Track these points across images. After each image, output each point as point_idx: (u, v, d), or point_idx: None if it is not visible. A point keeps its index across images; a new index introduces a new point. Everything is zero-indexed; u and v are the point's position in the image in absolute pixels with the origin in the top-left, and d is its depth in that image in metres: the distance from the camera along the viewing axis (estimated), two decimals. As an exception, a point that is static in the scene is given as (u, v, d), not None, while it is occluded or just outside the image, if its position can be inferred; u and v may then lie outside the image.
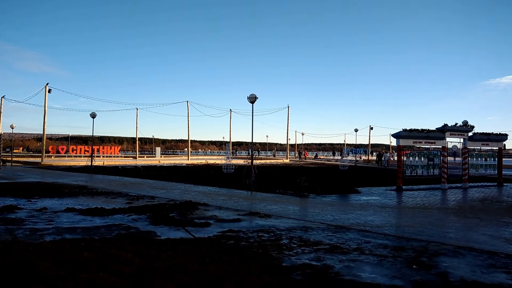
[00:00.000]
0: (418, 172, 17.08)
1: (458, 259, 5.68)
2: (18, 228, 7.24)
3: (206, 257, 5.40)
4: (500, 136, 19.47)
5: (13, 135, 53.17)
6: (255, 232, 7.23)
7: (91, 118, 25.85)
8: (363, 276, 4.77)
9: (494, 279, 4.75)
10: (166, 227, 7.59)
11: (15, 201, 10.74)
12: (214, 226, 7.73)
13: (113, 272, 4.61)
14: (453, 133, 17.78)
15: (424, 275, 4.87)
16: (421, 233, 7.46)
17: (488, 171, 19.40)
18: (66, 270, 4.63)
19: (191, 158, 51.17)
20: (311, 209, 10.60)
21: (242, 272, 4.75)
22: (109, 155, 47.64)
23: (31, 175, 21.06)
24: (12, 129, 36.71)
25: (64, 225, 7.60)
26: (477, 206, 11.81)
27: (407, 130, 16.53)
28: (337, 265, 5.20)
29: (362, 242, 6.60)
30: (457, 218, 9.59)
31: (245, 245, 6.18)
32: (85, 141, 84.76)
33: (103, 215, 8.78)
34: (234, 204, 11.07)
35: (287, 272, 4.82)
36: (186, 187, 15.78)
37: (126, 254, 5.42)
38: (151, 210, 9.40)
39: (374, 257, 5.64)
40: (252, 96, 16.05)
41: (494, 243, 6.71)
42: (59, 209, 9.57)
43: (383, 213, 10.00)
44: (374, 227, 8.00)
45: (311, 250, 5.99)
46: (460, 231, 7.91)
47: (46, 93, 37.17)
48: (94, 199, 11.62)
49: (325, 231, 7.44)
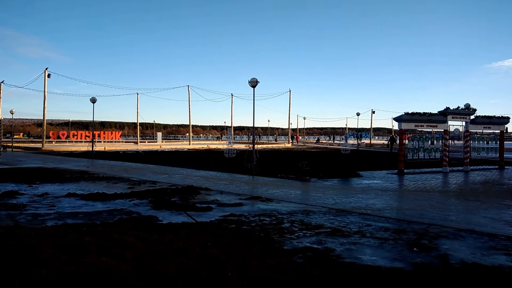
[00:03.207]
0: (419, 155, 17.06)
1: (458, 241, 5.69)
2: (19, 214, 7.27)
3: (208, 241, 5.42)
4: (502, 119, 19.35)
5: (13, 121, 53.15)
6: (256, 216, 7.26)
7: (91, 103, 25.76)
8: (364, 259, 4.79)
9: (494, 261, 4.77)
10: (168, 211, 7.62)
11: (16, 186, 10.78)
12: (215, 211, 7.75)
13: (115, 256, 4.63)
14: (455, 116, 17.66)
15: (424, 257, 4.89)
16: (422, 216, 7.47)
17: (489, 154, 19.37)
18: (68, 254, 4.65)
19: (192, 143, 51.18)
20: (313, 193, 10.62)
21: (244, 256, 4.77)
22: (110, 140, 47.65)
23: (32, 161, 21.10)
24: (12, 115, 36.64)
25: (65, 210, 7.63)
26: (478, 189, 11.82)
27: (409, 113, 16.42)
28: (338, 248, 5.22)
29: (363, 225, 6.62)
30: (458, 201, 9.61)
31: (247, 229, 6.20)
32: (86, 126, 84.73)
33: (104, 200, 8.81)
34: (236, 188, 11.09)
35: (289, 255, 4.84)
36: (188, 172, 15.81)
37: (128, 238, 5.44)
38: (153, 195, 9.42)
39: (375, 240, 5.66)
40: (253, 80, 15.90)
41: (494, 226, 6.72)
42: (60, 194, 9.60)
43: (384, 197, 10.01)
44: (375, 210, 8.01)
45: (312, 233, 6.01)
46: (461, 214, 7.93)
47: (45, 78, 36.94)
48: (96, 184, 11.66)
49: (326, 215, 7.46)
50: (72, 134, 48.12)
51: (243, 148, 29.82)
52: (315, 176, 14.13)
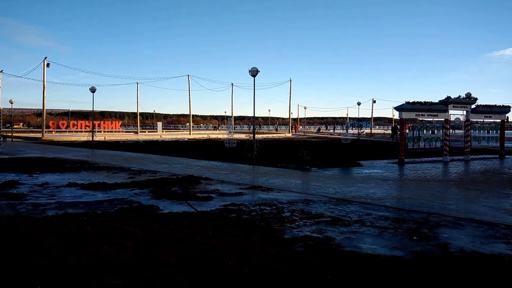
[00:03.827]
0: (420, 145, 17.03)
1: (458, 230, 5.71)
2: (20, 203, 7.28)
3: (209, 230, 5.44)
4: (503, 108, 19.28)
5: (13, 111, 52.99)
6: (257, 205, 7.27)
7: (91, 92, 25.65)
8: (364, 248, 4.81)
9: (494, 250, 4.79)
10: (168, 201, 7.63)
11: (17, 176, 10.78)
12: (216, 200, 7.77)
13: (116, 245, 4.65)
14: (456, 105, 17.59)
15: (424, 246, 4.91)
16: (422, 205, 7.49)
17: (490, 144, 19.34)
18: (69, 244, 4.67)
19: (192, 132, 51.14)
20: (313, 182, 10.63)
21: (244, 245, 4.78)
22: (110, 130, 47.60)
23: (32, 151, 21.10)
24: (11, 104, 36.54)
25: (66, 200, 7.65)
26: (478, 178, 11.83)
27: (410, 102, 16.35)
28: (338, 237, 5.24)
29: (363, 214, 6.63)
30: (458, 190, 9.62)
31: (247, 218, 6.21)
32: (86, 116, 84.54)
33: (105, 189, 8.83)
34: (236, 178, 11.10)
35: (289, 244, 4.86)
36: (188, 162, 15.82)
37: (129, 227, 5.46)
38: (153, 185, 9.44)
39: (375, 229, 5.68)
40: (253, 69, 15.80)
41: (494, 214, 6.74)
42: (61, 184, 9.62)
43: (384, 186, 10.03)
44: (376, 199, 8.03)
45: (312, 222, 6.02)
46: (461, 203, 7.94)
47: (44, 67, 36.71)
48: (96, 174, 11.67)
49: (326, 204, 7.48)
50: (72, 124, 48.03)
51: (244, 138, 29.80)
52: (316, 165, 14.13)
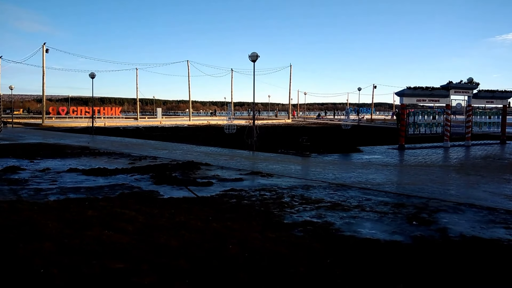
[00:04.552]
0: (421, 130, 16.99)
1: (458, 215, 5.73)
2: (22, 188, 7.31)
3: (209, 215, 5.47)
4: (505, 93, 19.16)
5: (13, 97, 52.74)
6: (257, 190, 7.29)
7: (90, 78, 25.50)
8: (363, 232, 4.84)
9: (493, 234, 4.81)
10: (169, 186, 7.66)
11: (18, 162, 10.80)
12: (216, 185, 7.79)
13: (117, 230, 4.68)
14: (457, 90, 17.47)
15: (424, 230, 4.94)
16: (421, 190, 7.51)
17: (491, 129, 19.30)
18: (71, 228, 4.70)
19: (192, 118, 51.03)
20: (313, 168, 10.65)
21: (244, 229, 4.81)
22: (110, 116, 47.52)
23: (33, 137, 21.09)
24: (11, 90, 36.38)
25: (67, 185, 7.67)
26: (479, 164, 11.84)
27: (411, 88, 16.24)
28: (338, 222, 5.26)
29: (363, 199, 6.66)
30: (458, 175, 9.64)
31: (247, 203, 6.24)
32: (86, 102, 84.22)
33: (106, 175, 8.85)
34: (236, 164, 11.11)
35: (289, 229, 4.89)
36: (188, 148, 15.82)
37: (130, 212, 5.49)
38: (154, 170, 9.45)
39: (375, 214, 5.70)
40: (253, 54, 15.64)
41: (494, 200, 6.76)
42: (62, 169, 9.64)
43: (384, 171, 10.04)
44: (375, 185, 8.05)
45: (312, 207, 6.05)
46: (461, 188, 7.96)
47: (43, 53, 36.41)
48: (97, 160, 11.68)
49: (326, 189, 7.50)
50: (72, 110, 47.90)
51: (243, 123, 29.73)
52: (315, 151, 14.13)
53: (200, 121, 48.78)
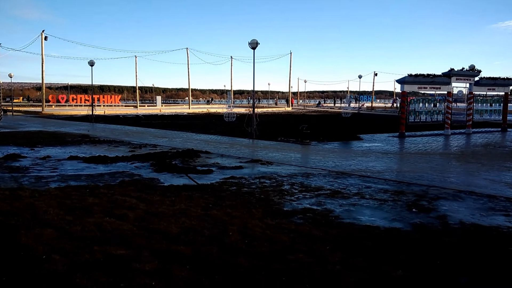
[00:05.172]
0: (421, 118, 16.95)
1: (458, 202, 5.75)
2: (23, 176, 7.32)
3: (209, 202, 5.49)
4: (506, 81, 19.03)
5: (12, 85, 52.46)
6: (257, 178, 7.31)
7: (90, 66, 25.33)
8: (363, 219, 4.86)
9: (493, 222, 4.83)
10: (169, 174, 7.67)
11: (18, 149, 10.80)
12: (216, 173, 7.80)
13: (118, 217, 4.70)
14: (459, 78, 17.36)
15: (423, 218, 4.96)
16: (421, 178, 7.52)
17: (492, 117, 19.25)
18: (72, 215, 4.73)
19: (192, 107, 50.85)
20: (313, 156, 10.65)
21: (244, 216, 4.84)
22: (109, 104, 47.31)
23: (33, 125, 21.07)
24: (10, 78, 36.18)
25: (68, 173, 7.69)
26: (479, 151, 11.84)
27: (412, 75, 16.13)
28: (338, 209, 5.28)
29: (363, 187, 6.67)
30: (458, 163, 9.64)
31: (247, 191, 6.26)
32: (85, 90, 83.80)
33: (106, 163, 8.86)
34: (236, 151, 11.12)
35: (289, 216, 4.91)
36: (188, 136, 15.81)
37: (130, 200, 5.51)
38: (154, 158, 9.46)
39: (374, 201, 5.72)
40: (253, 41, 15.49)
41: (494, 187, 6.77)
42: (62, 157, 9.65)
43: (384, 159, 10.05)
44: (375, 172, 8.06)
45: (312, 195, 6.07)
46: (461, 176, 7.97)
47: (42, 40, 36.06)
48: (97, 148, 11.69)
49: (326, 177, 7.51)
50: (72, 98, 47.69)
51: (243, 112, 29.63)
52: (315, 139, 14.12)
53: (200, 109, 48.63)
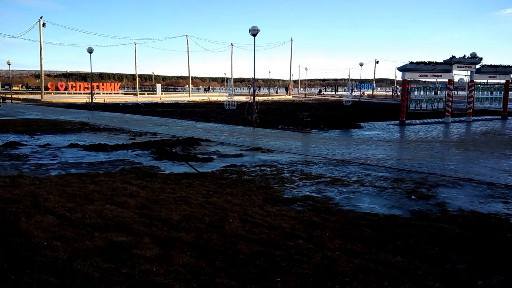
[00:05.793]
0: (422, 106, 16.89)
1: (457, 190, 5.77)
2: (23, 164, 7.34)
3: (210, 190, 5.51)
4: (508, 68, 18.89)
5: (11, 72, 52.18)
6: (257, 166, 7.32)
7: (88, 53, 25.13)
8: (362, 207, 4.88)
9: (491, 209, 4.86)
10: (169, 162, 7.68)
11: (18, 137, 10.80)
12: (217, 161, 7.81)
13: (119, 204, 4.72)
14: (460, 65, 17.24)
15: (422, 205, 4.99)
16: (421, 165, 7.54)
17: (493, 105, 19.20)
18: (73, 202, 4.75)
19: (192, 95, 50.63)
20: (313, 144, 10.65)
21: (245, 203, 4.86)
22: (109, 92, 47.10)
23: (32, 112, 21.02)
24: (9, 66, 35.99)
25: (68, 161, 7.70)
26: (479, 139, 11.84)
27: (414, 63, 16.01)
28: (337, 197, 5.31)
29: (363, 175, 6.69)
30: (458, 151, 9.65)
31: (248, 179, 6.28)
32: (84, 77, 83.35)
33: (106, 150, 8.86)
34: (237, 140, 11.11)
35: (289, 203, 4.94)
36: (188, 124, 15.78)
37: (131, 187, 5.53)
38: (154, 146, 9.46)
39: (374, 189, 5.74)
40: (254, 28, 15.33)
41: (493, 175, 6.79)
42: (62, 145, 9.65)
43: (384, 147, 10.05)
44: (375, 160, 8.07)
45: (312, 183, 6.08)
46: (460, 163, 7.99)
47: (40, 27, 35.69)
48: (97, 135, 11.68)
49: (326, 165, 7.53)
50: (71, 85, 47.45)
51: (244, 100, 29.52)
52: (316, 127, 14.10)
53: (200, 97, 48.41)
